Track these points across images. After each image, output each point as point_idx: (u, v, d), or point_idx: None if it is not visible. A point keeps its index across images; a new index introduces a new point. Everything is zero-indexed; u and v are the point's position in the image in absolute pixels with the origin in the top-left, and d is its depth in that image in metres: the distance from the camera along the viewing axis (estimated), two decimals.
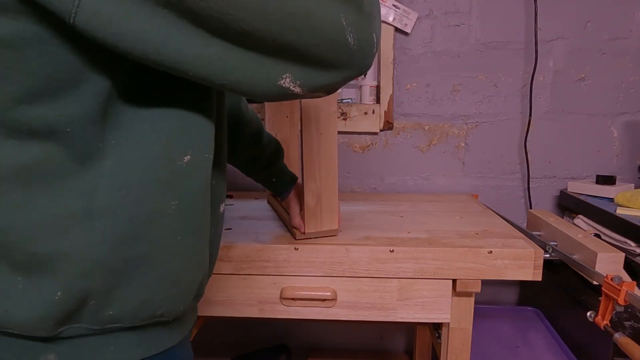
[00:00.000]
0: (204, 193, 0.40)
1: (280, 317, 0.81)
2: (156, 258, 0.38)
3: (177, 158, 0.37)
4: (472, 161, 1.27)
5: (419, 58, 1.22)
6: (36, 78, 0.30)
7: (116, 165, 0.35)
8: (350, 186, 1.31)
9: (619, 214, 0.97)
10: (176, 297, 0.41)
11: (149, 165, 0.36)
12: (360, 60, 0.36)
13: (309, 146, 0.75)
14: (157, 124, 0.35)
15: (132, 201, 0.35)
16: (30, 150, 0.32)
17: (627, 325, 0.80)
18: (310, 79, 0.35)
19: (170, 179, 0.37)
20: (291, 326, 1.40)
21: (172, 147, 0.36)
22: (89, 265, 0.35)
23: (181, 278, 0.41)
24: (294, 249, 0.77)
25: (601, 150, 1.24)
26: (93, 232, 0.35)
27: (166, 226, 0.38)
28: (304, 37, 0.32)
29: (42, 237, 0.34)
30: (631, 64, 1.19)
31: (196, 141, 0.38)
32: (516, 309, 1.18)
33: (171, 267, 0.40)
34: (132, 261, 0.37)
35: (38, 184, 0.33)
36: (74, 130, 0.33)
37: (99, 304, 0.37)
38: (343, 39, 0.33)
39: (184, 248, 0.40)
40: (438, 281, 0.78)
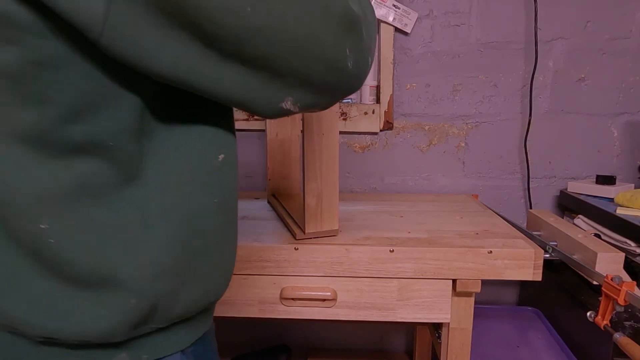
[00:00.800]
0: (236, 188, 0.43)
1: (280, 317, 0.81)
2: (209, 253, 0.41)
3: (213, 158, 0.39)
4: (472, 161, 1.27)
5: (419, 58, 1.22)
6: (77, 96, 0.31)
7: (159, 171, 0.37)
8: (350, 186, 1.31)
9: (619, 214, 0.97)
10: (222, 285, 0.45)
11: (189, 168, 0.38)
12: (356, 82, 0.39)
13: (310, 146, 0.75)
14: (191, 129, 0.38)
15: (181, 203, 0.38)
16: (80, 167, 0.33)
17: (627, 325, 0.80)
18: (309, 100, 0.38)
19: (209, 178, 0.39)
20: (291, 326, 1.40)
21: (207, 148, 0.39)
22: (157, 269, 0.37)
23: (226, 267, 0.45)
24: (294, 249, 0.77)
25: (601, 150, 1.24)
26: (154, 238, 0.37)
27: (212, 222, 0.41)
28: (309, 64, 0.34)
29: (106, 250, 0.35)
30: (631, 64, 1.19)
31: (226, 140, 0.41)
32: (516, 309, 1.18)
33: (220, 259, 0.43)
34: (191, 259, 0.39)
35: (92, 200, 0.34)
36: (116, 143, 0.34)
37: (168, 304, 0.39)
38: (344, 65, 0.36)
39: (226, 240, 0.43)
40: (438, 281, 0.78)
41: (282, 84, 0.35)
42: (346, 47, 0.35)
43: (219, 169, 0.40)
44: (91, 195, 0.34)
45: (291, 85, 0.36)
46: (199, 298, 0.42)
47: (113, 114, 0.33)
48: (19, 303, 0.35)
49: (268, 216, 0.96)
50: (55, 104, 0.30)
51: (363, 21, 0.37)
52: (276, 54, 0.32)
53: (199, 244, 0.40)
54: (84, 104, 0.31)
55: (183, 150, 0.37)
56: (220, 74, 0.33)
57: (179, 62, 0.31)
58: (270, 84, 0.35)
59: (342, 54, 0.35)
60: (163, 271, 0.37)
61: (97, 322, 0.36)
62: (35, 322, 0.35)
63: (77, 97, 0.31)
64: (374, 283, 0.79)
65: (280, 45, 0.32)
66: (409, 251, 0.76)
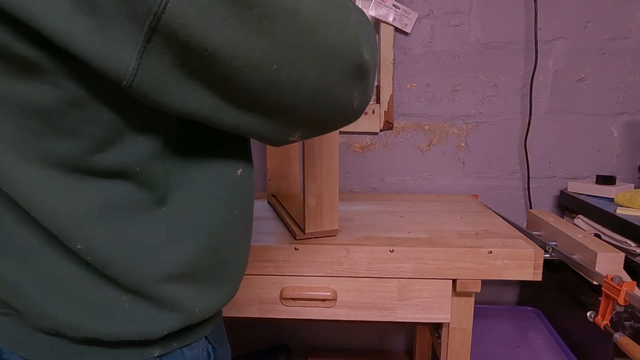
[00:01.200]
0: (252, 198, 0.46)
1: (280, 317, 0.81)
2: (232, 260, 0.45)
3: (233, 173, 0.42)
4: (472, 161, 1.27)
5: (419, 58, 1.22)
6: (104, 129, 0.33)
7: (184, 191, 0.39)
8: (350, 186, 1.31)
9: (619, 214, 0.97)
10: (239, 283, 0.48)
11: (211, 185, 0.40)
12: (357, 117, 0.43)
13: (310, 146, 0.75)
14: (211, 149, 0.40)
15: (206, 219, 0.40)
16: (110, 189, 0.35)
17: (627, 325, 0.80)
18: (315, 134, 0.43)
19: (230, 192, 0.42)
20: (291, 326, 1.40)
21: (227, 164, 0.42)
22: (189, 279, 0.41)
23: (243, 267, 0.48)
24: (294, 249, 0.77)
25: (601, 150, 1.24)
26: (184, 253, 0.39)
27: (234, 233, 0.44)
28: (322, 109, 0.38)
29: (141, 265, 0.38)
30: (631, 64, 1.19)
31: (244, 154, 0.43)
32: (516, 309, 1.18)
33: (240, 264, 0.47)
34: (217, 267, 0.43)
35: (124, 219, 0.36)
36: (142, 168, 0.36)
37: (190, 306, 0.42)
38: (350, 106, 0.40)
39: (245, 246, 0.47)
40: (438, 281, 0.78)
41: (294, 124, 0.39)
42: (355, 91, 0.39)
43: (239, 182, 0.43)
44: (122, 215, 0.36)
45: (302, 125, 0.39)
46: (222, 299, 0.46)
47: (139, 142, 0.35)
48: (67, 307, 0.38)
49: (268, 216, 0.96)
50: (84, 136, 0.32)
51: (372, 67, 0.40)
52: (294, 104, 0.35)
53: (222, 254, 0.43)
54: (111, 135, 0.33)
55: (205, 169, 0.40)
56: (240, 119, 0.35)
57: (202, 108, 0.33)
58: (284, 124, 0.38)
59: (351, 98, 0.39)
60: (194, 279, 0.41)
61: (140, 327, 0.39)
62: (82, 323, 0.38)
63: (104, 130, 0.33)
64: (374, 283, 0.79)
65: (299, 97, 0.35)
66: (409, 251, 0.76)
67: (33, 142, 0.31)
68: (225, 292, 0.46)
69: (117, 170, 0.35)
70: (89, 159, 0.33)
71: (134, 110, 0.33)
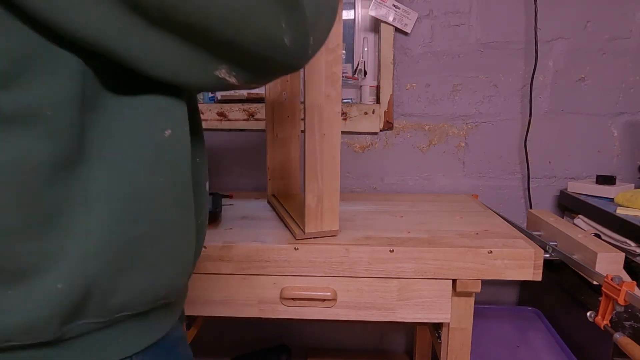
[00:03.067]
0: (188, 167, 0.40)
1: (280, 317, 0.81)
2: (155, 237, 0.38)
3: (158, 133, 0.37)
4: (472, 161, 1.27)
5: (419, 58, 1.22)
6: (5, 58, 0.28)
7: (102, 147, 0.34)
8: (350, 186, 1.31)
9: (619, 214, 0.97)
10: (177, 275, 0.41)
11: (132, 144, 0.35)
12: (295, 60, 0.38)
13: (311, 146, 0.75)
14: (135, 104, 0.35)
15: (123, 181, 0.35)
16: (15, 143, 0.30)
17: (627, 325, 0.80)
18: (245, 72, 0.37)
19: (155, 154, 0.36)
20: (291, 326, 1.40)
21: (152, 123, 0.36)
22: (89, 250, 0.34)
23: (179, 255, 0.41)
24: (294, 249, 0.77)
25: (601, 150, 1.24)
26: (92, 217, 0.34)
27: (159, 203, 0.37)
28: (242, 35, 0.33)
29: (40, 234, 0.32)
30: (631, 64, 1.19)
31: (173, 116, 0.38)
32: (516, 309, 1.18)
33: (170, 244, 0.39)
34: (133, 242, 0.36)
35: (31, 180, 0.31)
36: (55, 114, 0.31)
37: (104, 292, 0.36)
38: (279, 40, 0.35)
39: (178, 224, 0.40)
40: (438, 281, 0.78)
41: (215, 52, 0.34)
42: (282, 22, 0.34)
43: (166, 146, 0.37)
44: (30, 175, 0.31)
45: (224, 54, 0.34)
46: (145, 289, 0.38)
47: (51, 79, 0.30)
48: None
49: (268, 216, 0.96)
50: None
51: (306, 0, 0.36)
52: (207, 23, 0.31)
53: (140, 227, 0.36)
54: (14, 67, 0.28)
55: (127, 125, 0.35)
56: (150, 42, 0.31)
57: (104, 29, 0.29)
58: (202, 52, 0.33)
59: (276, 28, 0.34)
60: (96, 253, 0.34)
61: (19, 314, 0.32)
62: None
63: (6, 59, 0.27)
64: (374, 283, 0.79)
65: (211, 13, 0.30)
66: (409, 251, 0.76)
67: None
68: (150, 283, 0.39)
69: (23, 117, 0.29)
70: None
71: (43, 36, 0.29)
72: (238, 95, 1.31)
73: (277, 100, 1.01)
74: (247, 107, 1.26)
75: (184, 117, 0.39)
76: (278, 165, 1.05)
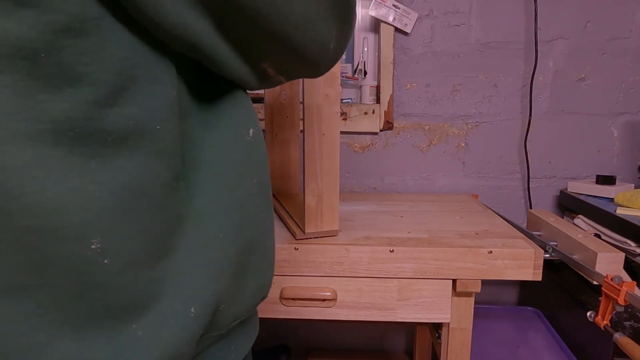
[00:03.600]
0: (267, 165, 0.39)
1: (280, 317, 0.81)
2: (258, 240, 0.37)
3: (244, 134, 0.35)
4: (472, 161, 1.27)
5: (419, 58, 1.22)
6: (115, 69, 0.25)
7: (196, 160, 0.32)
8: (350, 186, 1.31)
9: (619, 214, 0.97)
10: (270, 277, 0.41)
11: (223, 150, 0.34)
12: (330, 65, 0.39)
13: (310, 146, 0.75)
14: (217, 108, 0.34)
15: (223, 189, 0.34)
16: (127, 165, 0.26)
17: (627, 325, 0.80)
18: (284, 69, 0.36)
19: (245, 156, 0.35)
20: (291, 326, 1.40)
21: (237, 125, 0.35)
22: (212, 268, 0.33)
23: (271, 255, 0.41)
24: (294, 249, 0.77)
25: (601, 150, 1.24)
26: (205, 235, 0.32)
27: (255, 205, 0.37)
28: (304, 40, 0.33)
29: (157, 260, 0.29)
30: (631, 64, 1.19)
31: (250, 114, 0.37)
32: (516, 309, 1.18)
33: (269, 246, 0.39)
34: (242, 250, 0.35)
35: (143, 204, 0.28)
36: (163, 128, 0.28)
37: (227, 304, 0.35)
38: (327, 46, 0.36)
39: (269, 224, 0.40)
40: (438, 281, 0.78)
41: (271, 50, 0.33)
42: (334, 30, 0.35)
43: (252, 146, 0.36)
44: (144, 199, 0.27)
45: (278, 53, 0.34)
46: (255, 293, 0.38)
47: (155, 89, 0.27)
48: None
49: None
50: (88, 81, 0.23)
51: (354, 11, 0.37)
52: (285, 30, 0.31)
53: (248, 233, 0.36)
54: (123, 78, 0.25)
55: (214, 131, 0.33)
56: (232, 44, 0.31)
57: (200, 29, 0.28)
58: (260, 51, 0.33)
59: (330, 37, 0.35)
60: (219, 268, 0.33)
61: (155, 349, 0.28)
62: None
63: (115, 70, 0.24)
64: (374, 283, 0.79)
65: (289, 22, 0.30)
66: (409, 251, 0.76)
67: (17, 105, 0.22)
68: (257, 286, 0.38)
69: (133, 134, 0.26)
70: (97, 118, 0.24)
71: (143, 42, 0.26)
72: None
73: (276, 100, 1.01)
74: None
75: (256, 113, 0.38)
76: (278, 166, 1.05)
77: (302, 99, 0.73)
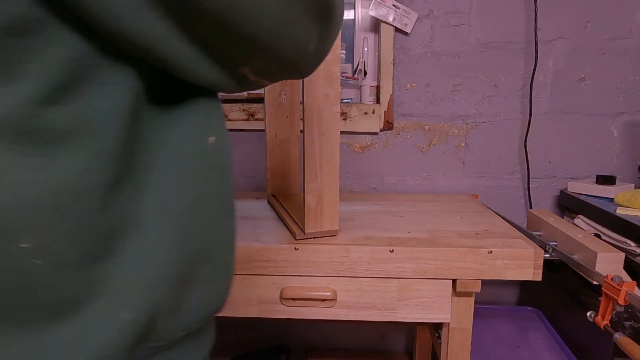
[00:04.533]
0: (231, 174, 0.39)
1: (280, 317, 0.81)
2: (210, 249, 0.36)
3: (204, 141, 0.35)
4: (472, 161, 1.27)
5: (419, 58, 1.22)
6: (60, 68, 0.25)
7: (149, 163, 0.32)
8: (350, 186, 1.31)
9: (619, 214, 0.97)
10: (226, 288, 0.40)
11: (180, 155, 0.34)
12: (314, 66, 0.39)
13: (310, 146, 0.75)
14: (178, 113, 0.34)
15: (175, 195, 0.33)
16: (68, 165, 0.26)
17: (627, 325, 0.80)
18: (264, 73, 0.36)
19: (203, 163, 0.35)
20: (291, 326, 1.40)
21: (197, 131, 0.35)
22: (153, 274, 0.32)
23: (228, 266, 0.40)
24: (294, 249, 0.77)
25: (601, 150, 1.24)
26: (150, 239, 0.32)
27: (210, 214, 0.36)
28: (280, 43, 0.32)
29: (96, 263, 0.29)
30: (631, 64, 1.19)
31: (215, 121, 0.37)
32: (516, 309, 1.18)
33: (224, 256, 0.38)
34: (190, 258, 0.35)
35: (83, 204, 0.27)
36: (109, 128, 0.28)
37: (169, 313, 0.34)
38: (307, 49, 0.35)
39: (227, 234, 0.39)
40: (438, 281, 0.78)
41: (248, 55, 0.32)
42: (313, 32, 0.34)
43: (211, 153, 0.36)
44: (84, 200, 0.27)
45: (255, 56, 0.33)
46: (205, 305, 0.37)
47: (104, 90, 0.27)
48: None
49: (268, 216, 0.96)
50: (30, 79, 0.24)
51: (338, 10, 0.36)
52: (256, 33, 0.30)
53: (198, 240, 0.35)
54: (68, 79, 0.25)
55: (173, 135, 0.33)
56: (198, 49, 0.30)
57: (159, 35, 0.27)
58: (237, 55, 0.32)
59: (309, 38, 0.34)
60: (160, 275, 0.32)
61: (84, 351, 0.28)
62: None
63: (58, 69, 0.25)
64: (374, 283, 0.79)
65: (260, 25, 0.29)
66: (409, 251, 0.76)
67: None
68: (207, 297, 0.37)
69: (76, 133, 0.26)
70: (37, 115, 0.24)
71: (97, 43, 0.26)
72: (238, 95, 1.31)
73: (276, 100, 1.01)
74: (247, 107, 1.26)
75: (223, 121, 0.38)
76: (278, 165, 1.05)
77: (302, 99, 0.73)
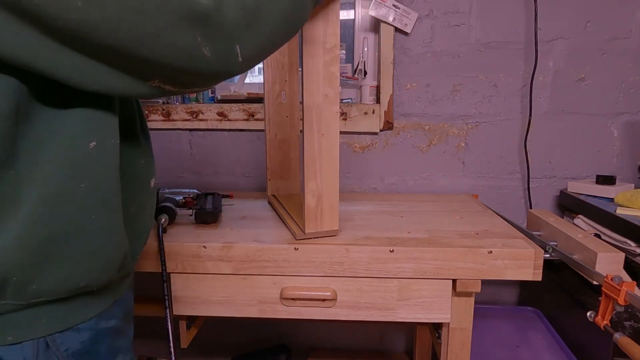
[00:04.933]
0: (114, 175, 0.44)
1: (280, 317, 0.81)
2: (73, 235, 0.42)
3: (83, 144, 0.41)
4: (472, 161, 1.27)
5: (419, 58, 1.22)
6: None
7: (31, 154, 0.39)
8: (350, 186, 1.31)
9: (619, 214, 0.97)
10: (98, 270, 0.46)
11: (57, 153, 0.40)
12: (223, 67, 0.42)
13: (310, 146, 0.75)
14: (65, 116, 0.40)
15: (47, 185, 0.40)
16: None
17: (627, 325, 0.80)
18: (177, 81, 0.42)
19: (76, 164, 0.41)
20: (291, 326, 1.40)
21: (77, 135, 0.41)
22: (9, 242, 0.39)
23: (100, 253, 0.45)
24: (294, 249, 0.77)
25: (601, 150, 1.24)
26: (20, 216, 0.39)
27: (79, 206, 0.42)
28: (157, 52, 0.37)
29: None
30: (631, 64, 1.19)
31: (101, 128, 0.42)
32: (516, 309, 1.18)
33: (90, 242, 0.44)
34: (51, 239, 0.41)
35: None
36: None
37: (22, 280, 0.41)
38: (197, 53, 0.39)
39: (99, 226, 0.44)
40: (438, 281, 0.78)
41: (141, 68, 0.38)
42: (197, 36, 0.38)
43: (89, 155, 0.41)
44: None
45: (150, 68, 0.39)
46: (64, 280, 0.43)
47: None
48: None
49: (268, 216, 0.96)
50: None
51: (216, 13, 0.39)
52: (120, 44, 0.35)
53: (59, 226, 0.41)
54: None
55: (56, 135, 0.40)
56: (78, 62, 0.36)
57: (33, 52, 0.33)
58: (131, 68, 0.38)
59: (193, 43, 0.38)
60: (14, 246, 0.39)
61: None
62: None
63: None
64: (374, 283, 0.79)
65: (119, 37, 0.35)
66: (409, 251, 0.76)
67: None
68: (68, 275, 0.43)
69: None
70: None
71: None
72: (238, 95, 1.31)
73: (276, 100, 1.01)
74: (247, 107, 1.26)
75: (114, 129, 0.43)
76: (278, 166, 1.05)
77: (302, 99, 0.73)
